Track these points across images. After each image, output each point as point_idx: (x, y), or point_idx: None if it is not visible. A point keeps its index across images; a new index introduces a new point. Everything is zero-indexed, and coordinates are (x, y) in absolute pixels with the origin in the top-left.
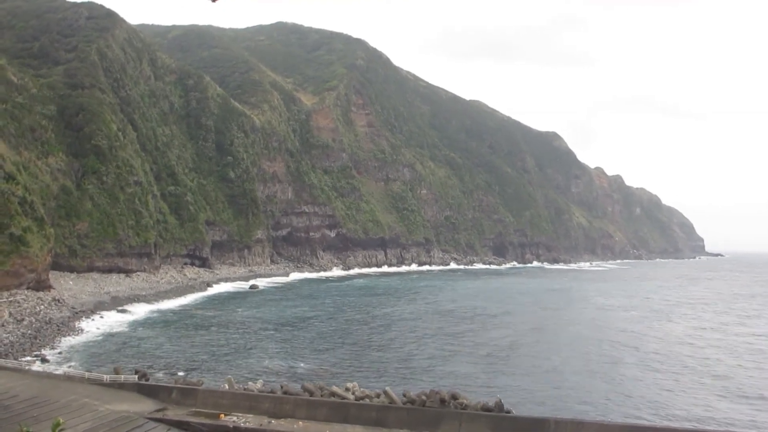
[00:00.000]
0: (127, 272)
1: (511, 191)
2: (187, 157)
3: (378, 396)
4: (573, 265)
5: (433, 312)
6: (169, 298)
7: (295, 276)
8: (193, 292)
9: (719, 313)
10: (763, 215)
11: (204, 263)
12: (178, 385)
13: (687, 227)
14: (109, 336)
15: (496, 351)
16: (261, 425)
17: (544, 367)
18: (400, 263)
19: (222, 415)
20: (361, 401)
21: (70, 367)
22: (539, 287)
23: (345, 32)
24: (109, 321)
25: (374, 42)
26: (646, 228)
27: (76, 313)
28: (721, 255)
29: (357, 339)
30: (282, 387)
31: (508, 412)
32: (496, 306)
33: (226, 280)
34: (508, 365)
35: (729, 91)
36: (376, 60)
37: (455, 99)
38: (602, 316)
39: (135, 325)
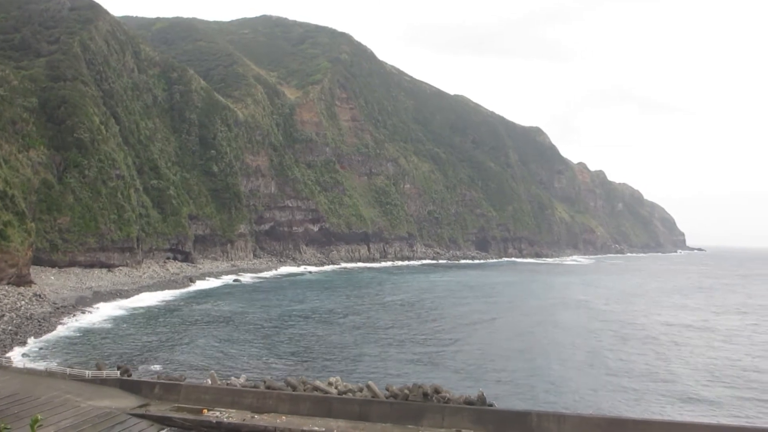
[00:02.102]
0: (109, 267)
1: (494, 186)
2: (170, 151)
3: (361, 390)
4: (549, 260)
5: (415, 306)
6: (151, 292)
7: (278, 270)
8: (175, 286)
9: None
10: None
11: (187, 258)
12: (161, 381)
13: (668, 222)
14: (91, 331)
15: (479, 345)
16: (244, 420)
17: (526, 360)
18: (383, 257)
19: (205, 411)
20: (344, 395)
21: (51, 363)
22: (519, 281)
23: (330, 26)
24: (91, 316)
25: (359, 36)
26: (628, 223)
27: (58, 308)
28: (702, 249)
29: (340, 333)
30: (265, 382)
31: (491, 405)
32: (479, 300)
33: (209, 274)
34: (491, 359)
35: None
36: (361, 54)
37: (439, 94)
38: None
39: (117, 320)
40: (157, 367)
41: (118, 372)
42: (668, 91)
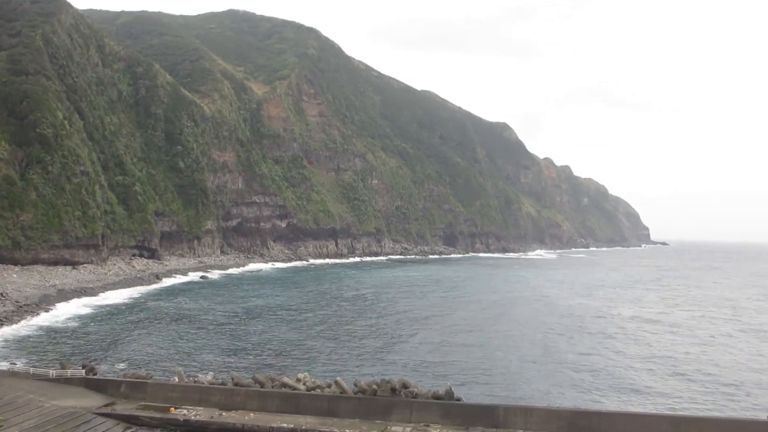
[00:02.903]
0: (74, 264)
1: (461, 181)
2: (135, 147)
3: (329, 386)
4: (513, 254)
5: (379, 301)
6: (117, 290)
7: (246, 267)
8: (142, 284)
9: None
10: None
11: (153, 254)
12: (127, 379)
13: (633, 217)
14: (55, 330)
15: (447, 339)
16: (212, 418)
17: (494, 354)
18: (351, 253)
19: (172, 409)
20: (312, 392)
21: (14, 362)
22: (482, 275)
23: (297, 21)
24: (56, 314)
25: (326, 31)
26: (594, 217)
27: (20, 306)
28: (666, 244)
29: (307, 329)
30: (233, 379)
31: (458, 399)
32: (441, 294)
33: (176, 271)
34: (459, 353)
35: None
36: (328, 49)
37: (407, 89)
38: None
39: (82, 318)
40: (123, 366)
41: (83, 371)
42: (635, 88)
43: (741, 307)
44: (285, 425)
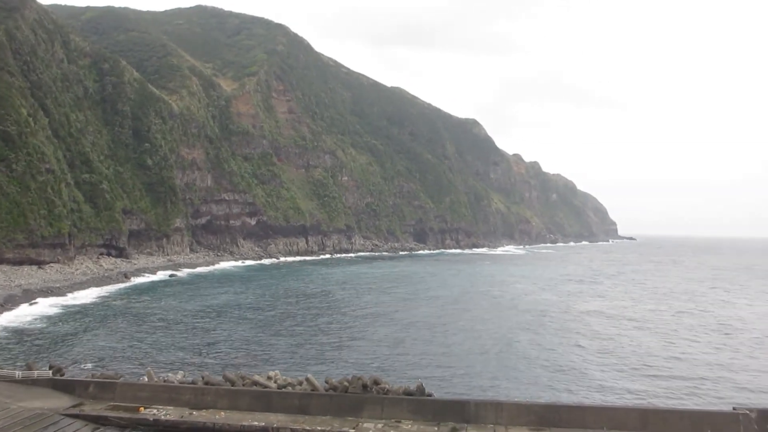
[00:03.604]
0: (40, 264)
1: (431, 178)
2: (102, 144)
3: (300, 384)
4: (480, 250)
5: (352, 297)
6: (84, 289)
7: (215, 265)
8: (110, 283)
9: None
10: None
11: (121, 253)
12: (95, 379)
13: (601, 212)
14: (21, 330)
15: (417, 335)
16: (182, 417)
17: (459, 350)
18: (321, 250)
19: (142, 408)
20: (283, 389)
21: None
22: (448, 271)
23: (266, 17)
24: (21, 315)
25: (295, 27)
26: (562, 213)
27: None
28: (633, 239)
29: (278, 327)
30: (203, 377)
31: (429, 395)
32: (410, 291)
33: (145, 270)
34: (429, 349)
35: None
36: (297, 45)
37: (376, 86)
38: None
39: (49, 318)
40: (91, 366)
41: (51, 371)
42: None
43: (699, 301)
44: (256, 423)
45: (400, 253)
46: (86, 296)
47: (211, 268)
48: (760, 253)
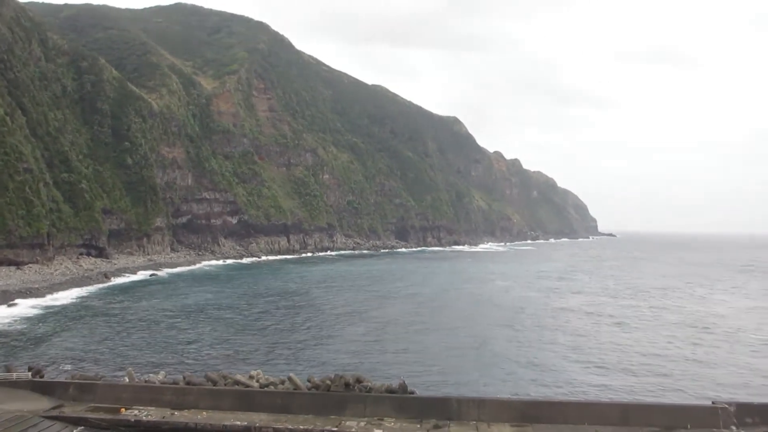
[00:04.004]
0: (18, 264)
1: (412, 176)
2: (81, 143)
3: (283, 383)
4: (459, 247)
5: (333, 296)
6: (64, 290)
7: (197, 264)
8: (90, 283)
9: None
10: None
11: (101, 253)
12: (76, 381)
13: (581, 209)
14: None
15: (395, 333)
16: (164, 417)
17: (442, 347)
18: (303, 249)
19: (123, 410)
20: (265, 389)
21: None
22: (430, 268)
23: (246, 15)
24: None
25: (276, 25)
26: (543, 210)
27: None
28: (613, 235)
29: (260, 326)
30: (184, 377)
31: (412, 393)
32: (395, 288)
33: (125, 270)
34: (409, 347)
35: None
36: (278, 44)
37: (357, 84)
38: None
39: (28, 320)
40: (71, 367)
41: (30, 373)
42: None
43: (675, 297)
44: (239, 423)
45: (382, 251)
46: (66, 297)
47: (192, 267)
48: (735, 248)
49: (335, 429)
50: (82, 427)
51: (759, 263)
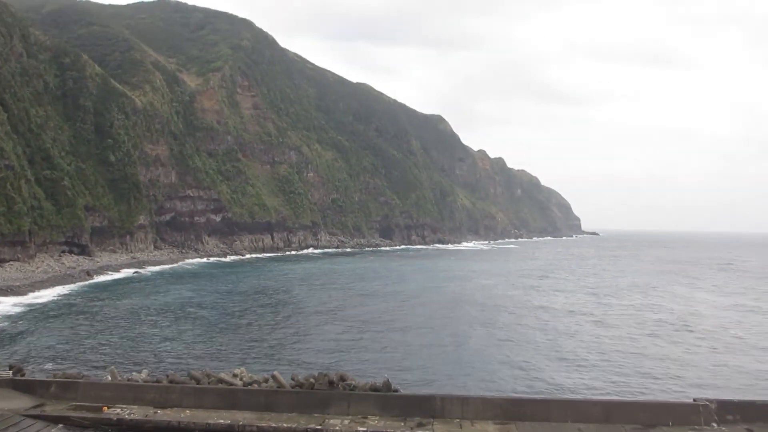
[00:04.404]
0: None
1: (397, 174)
2: (63, 140)
3: (266, 381)
4: (441, 245)
5: (316, 294)
6: (46, 288)
7: (180, 262)
8: (72, 281)
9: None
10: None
11: (83, 251)
12: (57, 379)
13: (565, 207)
14: None
15: (381, 331)
16: (146, 416)
17: (430, 345)
18: (287, 247)
19: (105, 408)
20: (249, 387)
21: None
22: (411, 266)
23: (230, 12)
24: None
25: (260, 23)
26: (527, 208)
27: None
28: (596, 234)
29: (243, 324)
30: (168, 376)
31: (396, 390)
32: (377, 286)
33: (108, 267)
34: (393, 345)
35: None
36: (262, 41)
37: (342, 81)
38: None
39: (9, 318)
40: (52, 366)
41: (11, 372)
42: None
43: (655, 294)
44: (222, 422)
45: (366, 249)
46: (47, 295)
47: (175, 265)
48: (717, 247)
49: (319, 427)
50: (61, 425)
51: (738, 262)
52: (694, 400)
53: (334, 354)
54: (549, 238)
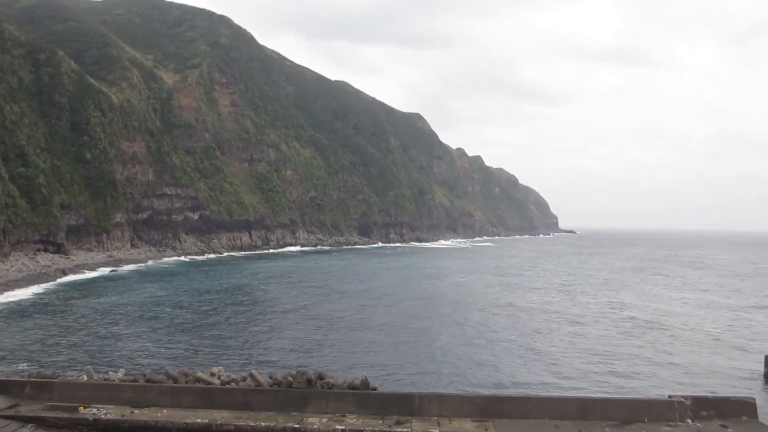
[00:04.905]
0: None
1: (375, 172)
2: (38, 137)
3: (244, 380)
4: (416, 243)
5: (296, 293)
6: (21, 287)
7: (157, 260)
8: (47, 279)
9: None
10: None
11: (59, 249)
12: (32, 380)
13: (542, 205)
14: None
15: (358, 329)
16: (123, 416)
17: (408, 342)
18: (265, 245)
19: (81, 408)
20: (227, 386)
21: None
22: (389, 264)
23: (208, 8)
24: None
25: (238, 20)
26: (504, 207)
27: None
28: (573, 231)
29: (222, 322)
30: (145, 375)
31: (374, 389)
32: (356, 283)
33: (84, 266)
34: (374, 342)
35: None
36: (240, 38)
37: (320, 79)
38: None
39: None
40: (27, 366)
41: None
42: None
43: (627, 292)
44: (200, 421)
45: (344, 247)
46: (22, 294)
47: (152, 263)
48: (687, 244)
49: (297, 426)
50: (32, 425)
51: (707, 260)
52: (670, 396)
53: (309, 352)
54: (527, 236)
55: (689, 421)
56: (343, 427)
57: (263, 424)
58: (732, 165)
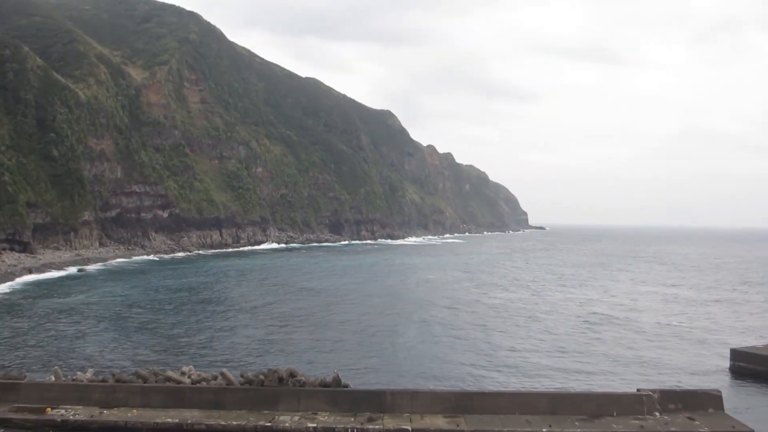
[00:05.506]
0: None
1: (346, 169)
2: (3, 134)
3: (215, 378)
4: (397, 240)
5: (264, 289)
6: None
7: (126, 258)
8: (13, 279)
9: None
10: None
11: (25, 248)
12: None
13: (512, 202)
14: None
15: (331, 326)
16: (92, 416)
17: (374, 339)
18: (235, 243)
19: (49, 409)
20: (197, 385)
21: None
22: (365, 262)
23: (177, 4)
24: None
25: (208, 16)
26: (475, 203)
27: None
28: (543, 228)
29: (190, 321)
30: (114, 375)
31: (346, 386)
32: (328, 282)
33: (51, 265)
34: (344, 340)
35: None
36: (210, 34)
37: (291, 76)
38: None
39: None
40: None
41: None
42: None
43: (592, 287)
44: (170, 420)
45: (314, 244)
46: None
47: (121, 262)
48: (652, 240)
49: (269, 424)
50: (2, 429)
51: (665, 255)
52: (638, 390)
53: (275, 350)
54: (497, 232)
55: (657, 414)
56: (315, 425)
57: (234, 423)
58: (702, 162)
